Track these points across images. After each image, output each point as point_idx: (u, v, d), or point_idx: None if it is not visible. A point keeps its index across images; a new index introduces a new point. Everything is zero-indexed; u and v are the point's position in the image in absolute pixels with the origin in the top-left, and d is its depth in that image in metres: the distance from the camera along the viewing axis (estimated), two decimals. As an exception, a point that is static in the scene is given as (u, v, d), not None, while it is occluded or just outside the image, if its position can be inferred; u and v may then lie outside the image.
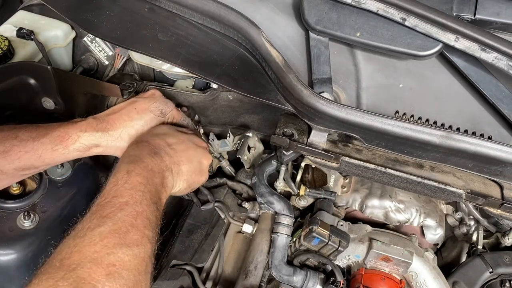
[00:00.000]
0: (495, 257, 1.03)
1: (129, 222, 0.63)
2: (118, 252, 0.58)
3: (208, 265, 1.02)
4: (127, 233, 0.61)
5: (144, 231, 0.64)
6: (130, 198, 0.66)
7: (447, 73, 0.93)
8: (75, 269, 0.54)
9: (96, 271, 0.55)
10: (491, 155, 0.81)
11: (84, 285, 0.53)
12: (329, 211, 1.03)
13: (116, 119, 0.88)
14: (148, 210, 0.67)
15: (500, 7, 0.88)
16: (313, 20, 0.87)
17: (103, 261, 0.56)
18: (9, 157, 0.77)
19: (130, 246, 0.60)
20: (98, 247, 0.58)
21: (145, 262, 0.62)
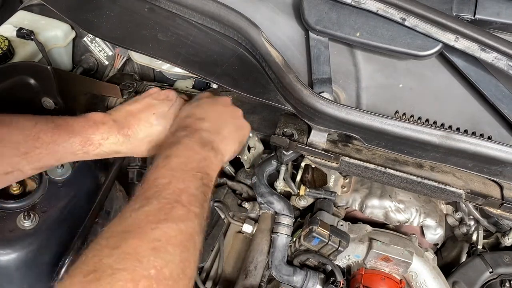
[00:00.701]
0: (495, 257, 1.03)
1: (174, 199, 0.61)
2: (163, 227, 0.56)
3: (208, 265, 1.02)
4: (172, 209, 0.59)
5: (190, 207, 0.61)
6: (172, 178, 0.64)
7: (447, 73, 0.93)
8: (120, 246, 0.53)
9: (141, 245, 0.53)
10: (491, 155, 0.81)
11: (129, 260, 0.51)
12: (329, 211, 1.03)
13: (136, 125, 0.85)
14: (193, 186, 0.65)
15: (500, 7, 0.88)
16: (313, 20, 0.87)
17: (148, 236, 0.55)
18: (30, 158, 0.76)
19: (175, 221, 0.58)
20: (143, 223, 0.56)
21: (192, 238, 0.60)
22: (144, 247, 0.53)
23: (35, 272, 0.91)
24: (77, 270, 0.52)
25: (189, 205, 0.62)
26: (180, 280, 0.55)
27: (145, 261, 0.51)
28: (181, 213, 0.60)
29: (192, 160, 0.70)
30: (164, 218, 0.58)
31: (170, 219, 0.58)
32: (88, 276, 0.51)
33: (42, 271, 0.91)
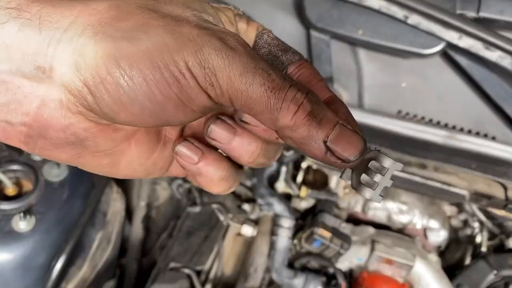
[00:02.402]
0: (499, 259, 1.02)
1: None
2: None
3: (207, 268, 1.01)
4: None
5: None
6: None
7: (450, 72, 0.92)
8: None
9: None
10: (495, 155, 0.80)
11: None
12: (331, 213, 1.02)
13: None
14: None
15: (504, 5, 0.87)
16: (314, 18, 0.86)
17: None
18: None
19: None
20: None
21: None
22: None
23: (31, 274, 0.90)
24: None
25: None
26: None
27: None
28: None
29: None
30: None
31: None
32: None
33: (38, 273, 0.90)
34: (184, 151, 0.32)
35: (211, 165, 0.32)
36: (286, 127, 0.26)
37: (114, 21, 0.25)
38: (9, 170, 0.95)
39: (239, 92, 0.26)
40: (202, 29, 0.26)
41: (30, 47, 0.25)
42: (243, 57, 0.25)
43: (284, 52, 0.33)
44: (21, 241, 0.87)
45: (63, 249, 0.89)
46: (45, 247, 0.90)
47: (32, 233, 0.88)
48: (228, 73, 0.25)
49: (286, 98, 0.26)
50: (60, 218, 0.92)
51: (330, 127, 0.27)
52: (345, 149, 0.27)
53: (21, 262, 0.87)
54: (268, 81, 0.25)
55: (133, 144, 0.31)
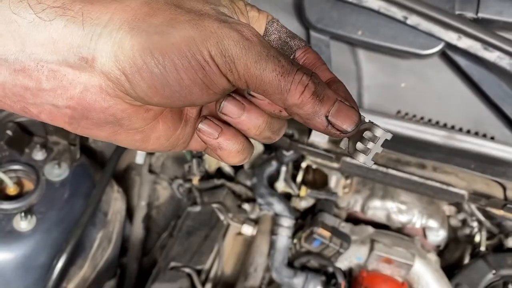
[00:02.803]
0: (498, 259, 1.02)
1: None
2: None
3: (207, 267, 1.01)
4: None
5: None
6: None
7: (449, 73, 0.92)
8: None
9: None
10: (494, 155, 0.81)
11: None
12: (330, 213, 1.02)
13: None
14: None
15: (502, 6, 0.87)
16: (314, 19, 0.86)
17: None
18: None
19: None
20: None
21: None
22: None
23: (32, 273, 0.90)
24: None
25: None
26: None
27: None
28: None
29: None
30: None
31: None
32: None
33: (39, 272, 0.90)
34: (205, 128, 0.36)
35: (230, 140, 0.36)
36: (294, 105, 0.31)
37: (146, 17, 0.29)
38: (10, 170, 0.95)
39: (254, 77, 0.30)
40: (222, 22, 0.30)
41: (75, 41, 0.29)
42: (257, 46, 0.30)
43: (292, 38, 0.37)
44: (22, 240, 0.87)
45: (64, 249, 0.90)
46: (46, 247, 0.90)
47: (33, 233, 0.88)
48: (245, 60, 0.29)
49: (294, 81, 0.30)
50: (61, 218, 0.93)
51: (330, 103, 0.31)
52: (343, 122, 0.32)
53: (22, 262, 0.88)
54: (279, 67, 0.30)
55: (161, 122, 0.35)
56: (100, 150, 1.16)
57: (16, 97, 0.30)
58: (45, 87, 0.30)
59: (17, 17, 0.28)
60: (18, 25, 0.28)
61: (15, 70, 0.29)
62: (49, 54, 0.29)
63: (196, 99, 0.31)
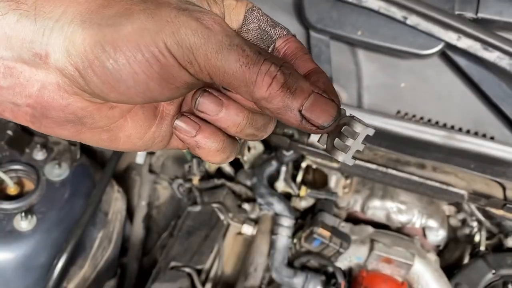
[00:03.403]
0: (497, 259, 1.02)
1: None
2: None
3: (207, 267, 1.01)
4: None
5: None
6: None
7: (449, 73, 0.92)
8: None
9: None
10: (494, 155, 0.81)
11: None
12: (330, 212, 1.02)
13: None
14: None
15: (502, 6, 0.87)
16: (314, 19, 0.87)
17: None
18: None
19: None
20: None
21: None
22: None
23: (32, 273, 0.90)
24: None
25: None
26: None
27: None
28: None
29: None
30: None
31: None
32: None
33: (39, 272, 0.90)
34: (182, 125, 0.33)
35: (208, 138, 0.33)
36: (262, 98, 0.28)
37: (100, 8, 0.28)
38: (10, 170, 0.95)
39: (216, 68, 0.28)
40: (181, 10, 0.28)
41: (28, 36, 0.27)
42: (218, 35, 0.27)
43: (272, 27, 0.34)
44: (23, 240, 0.88)
45: (64, 249, 0.90)
46: (46, 247, 0.90)
47: (33, 233, 0.89)
48: (204, 51, 0.27)
49: (260, 72, 0.28)
50: (61, 218, 0.93)
51: (304, 96, 0.29)
52: (319, 117, 0.29)
53: (23, 261, 0.88)
54: (243, 57, 0.28)
55: (129, 120, 0.33)
56: (100, 150, 1.16)
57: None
58: (2, 84, 0.29)
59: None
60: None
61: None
62: (3, 50, 0.28)
63: (157, 95, 0.29)
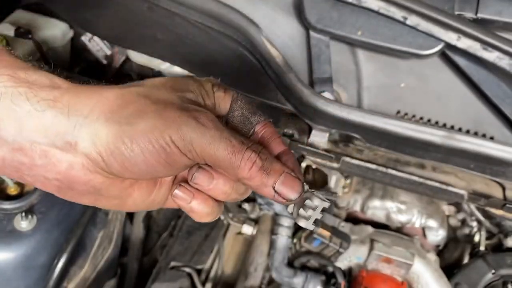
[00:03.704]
0: (497, 259, 1.03)
1: None
2: None
3: (208, 267, 1.01)
4: None
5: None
6: None
7: (449, 73, 0.92)
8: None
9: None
10: (493, 155, 0.81)
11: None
12: (330, 212, 1.03)
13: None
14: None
15: (502, 6, 0.87)
16: (313, 19, 0.86)
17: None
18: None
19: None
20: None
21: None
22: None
23: (32, 273, 0.90)
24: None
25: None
26: None
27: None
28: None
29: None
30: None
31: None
32: None
33: (39, 272, 0.90)
34: (180, 194, 0.42)
35: (201, 204, 0.42)
36: (244, 178, 0.38)
37: (119, 109, 0.36)
38: (10, 170, 0.95)
39: (210, 155, 0.37)
40: (183, 110, 0.37)
41: (62, 128, 0.36)
42: (211, 130, 0.36)
43: (253, 114, 0.43)
44: (23, 240, 0.88)
45: (65, 249, 0.90)
46: (46, 247, 0.91)
47: (34, 233, 0.89)
48: (200, 143, 0.36)
49: (243, 158, 0.37)
50: (61, 218, 0.93)
51: (277, 176, 0.38)
52: (287, 192, 0.38)
53: (23, 261, 0.88)
54: (230, 146, 0.37)
55: (136, 189, 0.42)
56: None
57: (14, 168, 0.37)
58: (37, 163, 0.36)
59: (16, 107, 0.35)
60: (17, 113, 0.35)
61: (13, 148, 0.36)
62: (41, 137, 0.36)
63: (162, 174, 0.39)
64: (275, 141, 0.43)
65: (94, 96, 0.37)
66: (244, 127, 0.43)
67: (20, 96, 0.35)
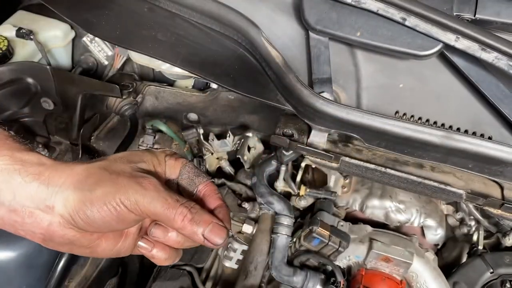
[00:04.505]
0: (495, 258, 1.03)
1: None
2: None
3: (208, 266, 1.02)
4: None
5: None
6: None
7: (447, 73, 0.93)
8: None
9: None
10: (492, 155, 0.81)
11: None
12: (329, 212, 1.03)
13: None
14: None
15: (500, 7, 0.88)
16: (313, 20, 0.87)
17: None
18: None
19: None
20: None
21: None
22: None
23: (34, 272, 0.91)
24: None
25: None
26: None
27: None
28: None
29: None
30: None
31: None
32: None
33: (41, 271, 0.91)
34: (142, 245, 0.55)
35: (159, 251, 0.55)
36: (179, 228, 0.50)
37: (84, 179, 0.49)
38: (12, 170, 0.96)
39: (150, 211, 0.49)
40: (131, 178, 0.49)
41: (43, 195, 0.48)
42: (151, 192, 0.48)
43: (197, 176, 0.56)
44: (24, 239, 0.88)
45: (66, 247, 0.90)
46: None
47: (35, 232, 0.89)
48: (143, 202, 0.48)
49: (177, 213, 0.49)
50: (63, 217, 0.93)
51: (205, 225, 0.50)
52: (214, 238, 0.50)
53: (24, 260, 0.88)
54: (166, 204, 0.49)
55: (103, 240, 0.52)
56: (101, 150, 1.17)
57: (10, 225, 0.49)
58: (27, 221, 0.48)
59: (11, 179, 0.48)
60: (11, 184, 0.48)
61: (10, 210, 0.48)
62: (29, 202, 0.48)
63: (117, 228, 0.50)
64: (213, 197, 0.55)
65: (67, 170, 0.49)
66: (189, 187, 0.55)
67: (15, 171, 0.48)
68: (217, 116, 1.19)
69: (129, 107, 1.14)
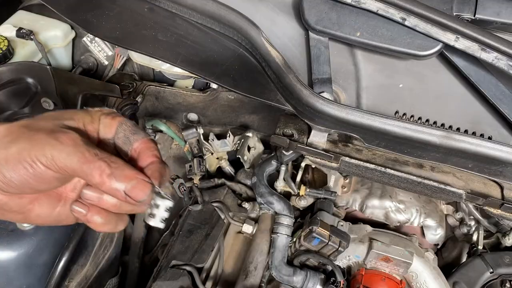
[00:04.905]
0: (495, 258, 1.03)
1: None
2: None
3: (208, 266, 1.02)
4: None
5: None
6: None
7: (447, 73, 0.93)
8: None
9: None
10: (491, 155, 0.81)
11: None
12: (329, 211, 1.03)
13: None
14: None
15: (500, 7, 0.88)
16: (313, 20, 0.87)
17: None
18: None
19: None
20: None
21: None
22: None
23: (34, 272, 0.91)
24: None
25: None
26: None
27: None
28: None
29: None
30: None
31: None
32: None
33: (41, 270, 0.91)
34: (76, 208, 0.51)
35: (95, 215, 0.50)
36: (97, 184, 0.46)
37: (3, 137, 0.47)
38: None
39: (67, 167, 0.45)
40: (49, 133, 0.46)
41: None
42: (68, 147, 0.45)
43: (133, 134, 0.52)
44: (25, 239, 0.88)
45: (66, 247, 0.90)
46: (48, 245, 0.91)
47: (35, 232, 0.89)
48: (59, 157, 0.45)
49: (94, 167, 0.46)
50: (63, 217, 0.94)
51: (127, 181, 0.46)
52: (136, 196, 0.46)
53: (25, 260, 0.88)
54: (82, 158, 0.45)
55: (36, 205, 0.49)
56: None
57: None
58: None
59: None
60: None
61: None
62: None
63: (37, 187, 0.47)
64: (147, 154, 0.51)
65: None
66: (125, 146, 0.52)
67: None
68: (217, 116, 1.19)
69: (129, 107, 1.14)
